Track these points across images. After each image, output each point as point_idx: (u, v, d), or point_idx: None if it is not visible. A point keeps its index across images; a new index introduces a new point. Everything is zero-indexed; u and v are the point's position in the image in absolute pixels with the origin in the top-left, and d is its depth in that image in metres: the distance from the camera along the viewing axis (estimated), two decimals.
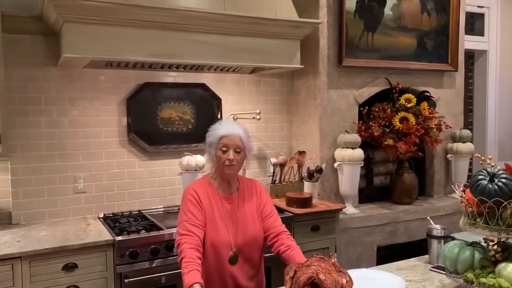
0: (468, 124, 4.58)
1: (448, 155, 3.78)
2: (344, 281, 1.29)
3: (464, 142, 3.72)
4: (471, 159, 3.90)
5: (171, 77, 3.10)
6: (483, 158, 1.48)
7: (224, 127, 1.90)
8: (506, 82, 4.83)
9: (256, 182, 2.02)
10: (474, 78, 4.73)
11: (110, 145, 2.94)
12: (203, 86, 3.18)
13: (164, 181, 3.07)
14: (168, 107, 3.08)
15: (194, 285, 1.55)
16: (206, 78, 3.20)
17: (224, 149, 1.86)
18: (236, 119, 3.29)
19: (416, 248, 3.44)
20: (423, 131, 3.38)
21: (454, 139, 3.76)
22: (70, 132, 2.82)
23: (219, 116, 3.20)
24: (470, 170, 4.04)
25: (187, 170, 2.82)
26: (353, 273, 1.74)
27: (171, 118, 3.09)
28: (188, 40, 2.61)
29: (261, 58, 2.84)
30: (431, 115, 3.48)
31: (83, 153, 2.86)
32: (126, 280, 2.35)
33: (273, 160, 3.29)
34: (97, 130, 2.90)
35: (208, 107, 3.17)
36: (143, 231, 2.48)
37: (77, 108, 2.83)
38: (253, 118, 3.26)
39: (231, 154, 1.85)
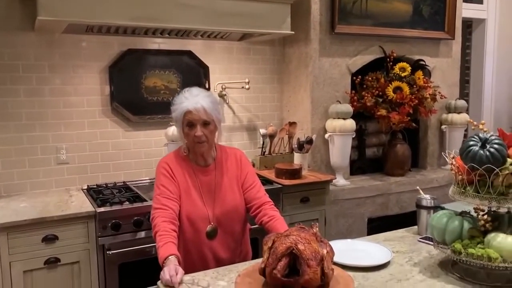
0: (464, 96, 4.49)
1: (443, 126, 3.70)
2: (325, 251, 1.22)
3: (459, 113, 3.64)
4: (466, 130, 3.82)
5: (155, 43, 2.98)
6: (475, 123, 1.40)
7: (188, 100, 1.73)
8: (504, 52, 4.70)
9: (237, 151, 1.93)
10: (471, 48, 4.60)
11: (93, 114, 2.84)
12: (189, 54, 3.05)
13: (149, 152, 2.99)
14: (153, 76, 2.96)
15: (169, 257, 1.49)
16: (192, 45, 3.07)
17: (190, 125, 1.74)
18: (225, 88, 3.18)
19: (407, 219, 3.41)
20: (417, 101, 3.28)
21: (449, 109, 3.68)
22: (50, 101, 2.71)
23: (206, 85, 3.09)
24: (464, 142, 3.97)
25: (173, 141, 2.73)
26: (338, 244, 1.69)
27: (156, 87, 2.98)
28: (174, 3, 2.47)
29: (250, 23, 2.71)
30: (426, 85, 3.38)
31: (65, 122, 2.76)
32: (108, 252, 2.29)
33: (263, 131, 3.20)
34: (79, 99, 2.79)
35: (194, 75, 3.06)
36: (127, 202, 2.42)
37: (58, 76, 2.72)
38: (242, 87, 3.15)
39: (198, 130, 1.72)
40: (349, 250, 1.67)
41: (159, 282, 1.41)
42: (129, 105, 2.89)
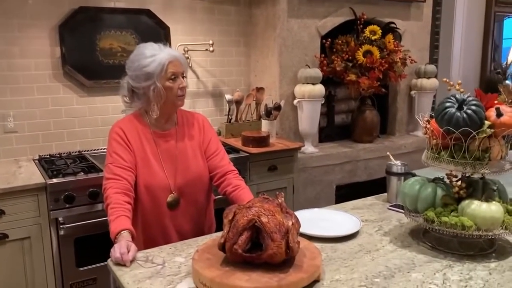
0: (433, 61, 4.43)
1: (412, 92, 3.65)
2: (290, 223, 1.11)
3: (428, 78, 3.59)
4: (434, 96, 3.79)
5: (110, 1, 2.73)
6: (452, 83, 1.30)
7: (163, 51, 1.58)
8: (474, 17, 4.66)
9: (199, 116, 1.78)
10: (441, 12, 4.52)
11: (43, 79, 2.60)
12: (148, 13, 2.83)
13: (107, 120, 2.78)
14: (108, 36, 2.73)
15: (122, 232, 1.35)
16: (152, 4, 2.84)
17: (173, 77, 1.58)
18: (187, 51, 2.99)
19: (376, 186, 3.39)
20: (387, 65, 3.20)
21: (419, 74, 3.62)
22: None
23: (166, 46, 2.88)
24: (433, 108, 3.95)
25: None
26: (305, 213, 1.60)
27: (112, 49, 2.75)
28: None
29: None
30: (396, 49, 3.29)
31: (11, 87, 2.52)
32: (62, 226, 2.13)
33: (228, 97, 3.05)
34: (25, 61, 2.54)
35: (154, 37, 2.83)
36: (81, 173, 2.25)
37: (0, 35, 2.45)
38: (206, 50, 2.97)
39: (183, 81, 1.60)
40: (317, 219, 1.58)
41: (109, 260, 1.28)
42: (83, 68, 2.67)
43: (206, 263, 1.14)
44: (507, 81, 5.05)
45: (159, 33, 2.87)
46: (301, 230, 1.29)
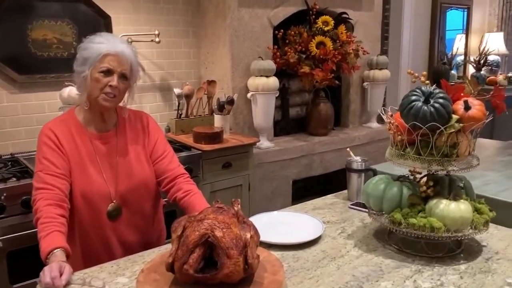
0: (383, 52, 4.45)
1: (365, 83, 3.63)
2: (248, 235, 0.99)
3: (380, 69, 3.57)
4: (386, 87, 3.79)
5: None
6: (416, 74, 1.22)
7: (110, 42, 1.41)
8: (421, 7, 4.72)
9: (143, 115, 1.60)
10: (390, 3, 4.54)
11: None
12: (86, 1, 2.58)
13: (43, 118, 2.51)
14: (42, 26, 2.47)
15: (54, 251, 1.17)
16: None
17: (106, 71, 1.40)
18: (132, 42, 2.77)
19: (331, 179, 3.37)
20: (340, 57, 3.14)
21: (371, 66, 3.59)
22: None
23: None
24: (384, 99, 3.96)
25: (70, 104, 2.31)
26: (263, 218, 1.48)
27: (47, 40, 2.49)
28: None
29: None
30: (349, 40, 3.24)
31: None
32: None
33: (178, 91, 2.86)
34: None
35: (93, 27, 2.60)
36: (13, 179, 2.01)
37: None
38: (152, 40, 2.77)
39: (115, 80, 1.40)
40: (276, 223, 1.46)
41: (38, 286, 1.10)
42: (13, 62, 2.40)
43: (152, 286, 0.99)
44: (452, 71, 5.19)
45: (99, 23, 2.64)
46: (260, 238, 1.17)
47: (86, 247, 1.43)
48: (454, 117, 1.14)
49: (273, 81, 2.90)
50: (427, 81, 1.19)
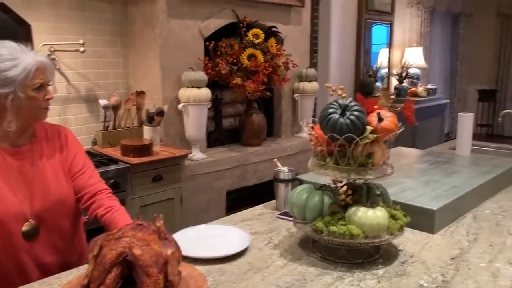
0: (313, 65, 4.60)
1: (295, 95, 3.73)
2: (169, 252, 0.97)
3: (310, 81, 3.69)
4: (316, 98, 3.93)
5: None
6: (334, 88, 1.27)
7: (27, 54, 1.32)
8: (347, 22, 4.95)
9: (60, 128, 1.52)
10: (319, 18, 4.72)
11: None
12: (2, 7, 2.43)
13: None
14: None
15: None
16: None
17: (40, 86, 1.34)
18: (54, 51, 2.65)
19: (265, 189, 3.40)
20: (271, 69, 3.21)
21: (301, 78, 3.71)
22: None
23: (29, 48, 2.51)
24: (314, 110, 4.09)
25: None
26: (189, 232, 1.46)
27: None
28: None
29: None
30: (279, 52, 3.32)
31: None
32: None
33: (103, 102, 2.77)
34: None
35: (10, 35, 2.39)
36: None
37: None
38: (76, 50, 2.66)
39: (50, 92, 1.39)
40: (204, 237, 1.45)
41: None
42: None
43: None
44: (377, 83, 5.48)
45: (17, 31, 2.49)
46: (185, 252, 1.16)
47: None
48: (369, 128, 1.20)
49: (205, 92, 2.89)
50: (344, 94, 1.25)
